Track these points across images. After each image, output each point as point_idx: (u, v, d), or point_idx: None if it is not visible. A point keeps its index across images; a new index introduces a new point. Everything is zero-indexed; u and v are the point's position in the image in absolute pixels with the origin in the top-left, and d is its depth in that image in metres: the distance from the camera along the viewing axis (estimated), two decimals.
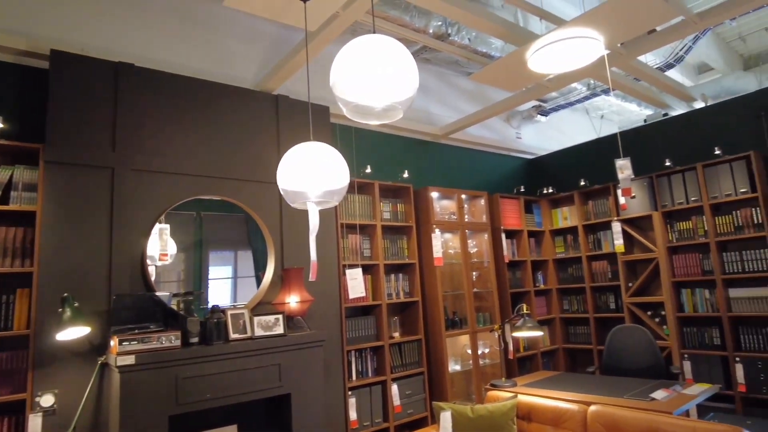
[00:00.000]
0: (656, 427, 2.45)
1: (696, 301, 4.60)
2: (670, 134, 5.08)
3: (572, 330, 5.55)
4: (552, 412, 2.86)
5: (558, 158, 6.11)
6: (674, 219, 4.79)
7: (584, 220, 5.41)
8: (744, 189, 4.32)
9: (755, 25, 6.76)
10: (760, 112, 4.44)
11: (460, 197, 4.89)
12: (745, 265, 4.33)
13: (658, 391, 2.94)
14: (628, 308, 4.90)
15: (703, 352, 4.49)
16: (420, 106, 5.17)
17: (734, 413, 4.19)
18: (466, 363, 4.79)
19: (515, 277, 5.34)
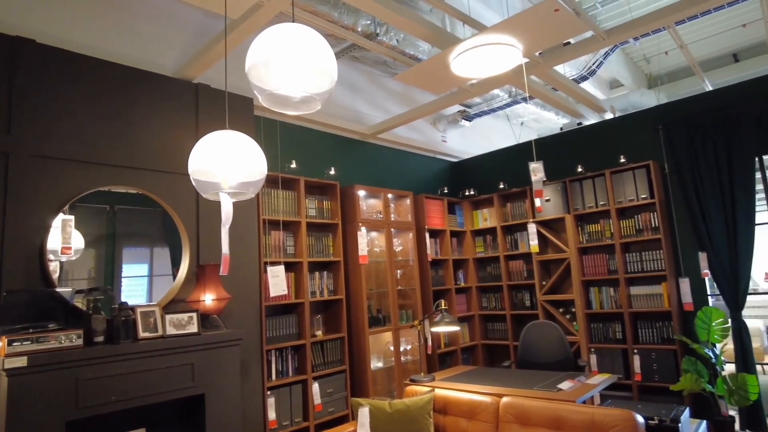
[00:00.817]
0: (560, 414, 2.60)
1: (602, 298, 4.94)
2: (583, 142, 5.43)
3: (490, 326, 5.77)
4: (467, 405, 2.96)
5: (480, 162, 6.34)
6: (585, 222, 5.12)
7: (503, 221, 5.65)
8: (644, 195, 4.70)
9: (656, 49, 7.40)
10: (657, 126, 4.85)
11: (386, 196, 4.94)
12: (644, 265, 4.71)
13: (564, 382, 3.13)
14: (542, 305, 5.17)
15: (607, 345, 4.83)
16: (349, 105, 5.17)
17: (631, 400, 4.53)
18: (388, 360, 4.83)
19: (438, 275, 5.47)
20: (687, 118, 4.62)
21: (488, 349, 5.82)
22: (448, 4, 3.59)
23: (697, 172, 4.54)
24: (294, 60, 1.49)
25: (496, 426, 2.81)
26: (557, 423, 2.59)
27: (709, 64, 8.12)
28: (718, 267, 4.40)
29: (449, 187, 6.35)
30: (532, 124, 7.86)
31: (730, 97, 4.49)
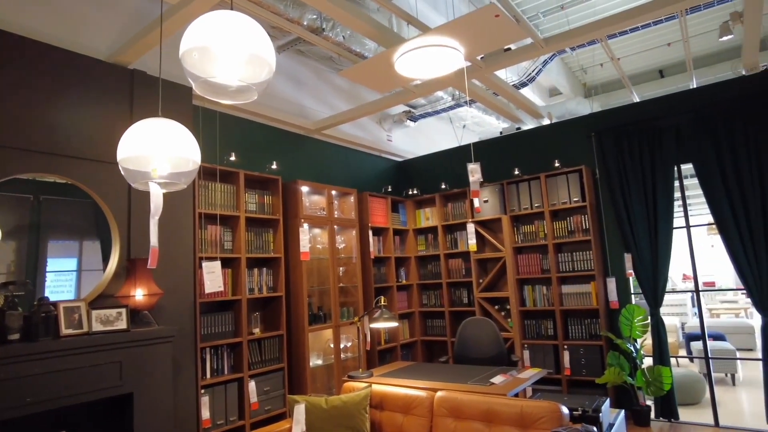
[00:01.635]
0: (492, 408, 2.69)
1: (535, 296, 5.15)
2: (521, 146, 5.63)
3: (430, 323, 5.88)
4: (403, 400, 3.00)
5: (424, 162, 6.44)
6: (520, 222, 5.32)
7: (444, 220, 5.77)
8: (576, 198, 4.94)
9: (592, 61, 7.79)
10: (590, 133, 5.12)
11: (330, 193, 4.92)
12: (575, 265, 4.95)
13: (497, 376, 3.23)
14: (478, 302, 5.33)
15: (540, 341, 5.05)
16: (293, 98, 5.10)
17: (560, 393, 4.76)
18: (328, 357, 4.82)
19: (380, 272, 5.50)
20: (617, 126, 4.90)
21: (427, 345, 5.93)
22: (394, 4, 3.62)
23: (625, 178, 4.83)
24: (229, 47, 1.46)
25: (431, 420, 2.87)
26: (489, 416, 2.68)
27: (639, 78, 8.64)
28: (640, 267, 4.70)
29: (393, 186, 6.40)
30: (474, 128, 8.07)
31: (655, 109, 4.80)
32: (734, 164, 4.31)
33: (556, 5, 5.92)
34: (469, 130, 8.04)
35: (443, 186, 5.95)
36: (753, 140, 4.23)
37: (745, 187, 4.25)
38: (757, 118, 4.22)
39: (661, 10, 3.42)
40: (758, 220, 4.17)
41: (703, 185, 4.47)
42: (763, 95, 4.21)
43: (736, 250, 4.27)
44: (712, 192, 4.39)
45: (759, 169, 4.20)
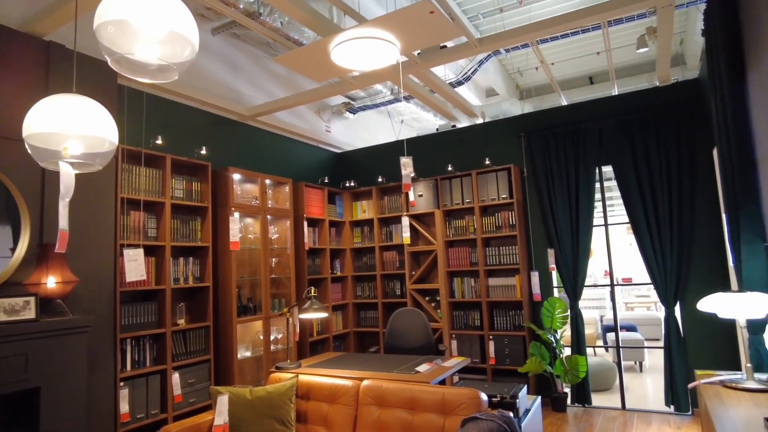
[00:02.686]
0: (415, 395, 2.76)
1: (464, 288, 5.32)
2: (455, 143, 5.78)
3: (363, 314, 5.93)
4: (329, 390, 3.01)
5: (362, 155, 6.46)
6: (452, 217, 5.46)
7: (380, 213, 5.82)
8: (505, 195, 5.14)
9: (526, 64, 8.10)
10: (520, 133, 5.33)
11: (263, 182, 4.83)
12: (501, 259, 5.16)
13: (423, 365, 3.32)
14: (410, 294, 5.43)
15: (467, 332, 5.22)
16: (227, 83, 4.95)
17: (484, 381, 4.96)
18: (258, 349, 4.75)
19: (314, 264, 5.48)
20: (545, 128, 5.14)
21: (360, 336, 5.98)
22: None
23: (550, 177, 5.07)
24: (148, 23, 1.40)
25: (356, 408, 2.91)
26: (412, 403, 2.75)
27: (570, 83, 9.08)
28: (562, 262, 4.96)
29: (331, 177, 6.37)
30: (413, 123, 8.18)
31: (581, 113, 5.07)
32: (647, 168, 4.64)
33: (496, 8, 6.10)
34: (407, 125, 8.14)
35: (380, 179, 5.99)
36: (664, 146, 4.58)
37: (656, 189, 4.59)
38: (667, 127, 4.56)
39: (585, 19, 3.61)
40: (665, 221, 4.52)
41: (620, 186, 4.78)
42: (672, 106, 4.56)
43: (647, 248, 4.61)
44: (628, 193, 4.71)
45: (668, 173, 4.55)
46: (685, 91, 4.60)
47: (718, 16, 2.92)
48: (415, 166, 5.91)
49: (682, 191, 4.50)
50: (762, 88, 2.49)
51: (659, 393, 5.29)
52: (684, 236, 4.48)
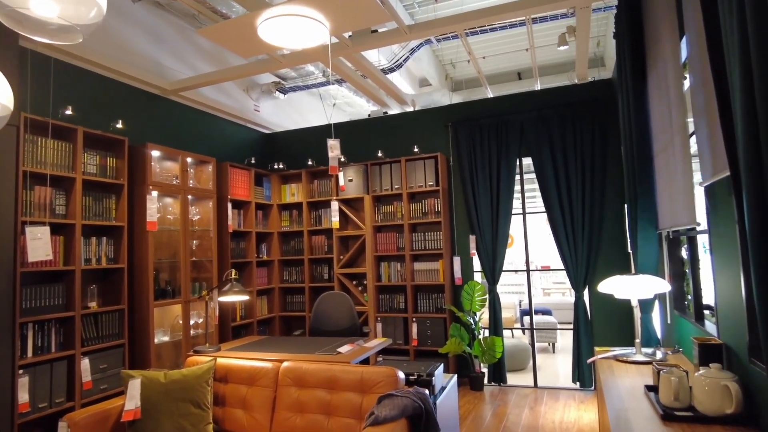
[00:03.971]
0: (334, 375, 2.79)
1: (391, 272, 5.42)
2: (386, 130, 5.83)
3: (290, 299, 5.88)
4: (248, 372, 2.98)
5: (292, 136, 6.36)
6: (381, 203, 5.53)
7: (309, 197, 5.78)
8: (431, 182, 5.27)
9: (460, 57, 8.27)
10: (447, 123, 5.47)
11: (185, 160, 4.63)
12: (426, 244, 5.30)
13: (344, 346, 3.36)
14: (338, 278, 5.46)
15: (392, 314, 5.33)
16: (148, 54, 4.68)
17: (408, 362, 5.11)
18: (176, 334, 4.59)
19: (239, 247, 5.35)
20: (471, 119, 5.30)
21: (286, 320, 5.93)
22: None
23: (474, 167, 5.25)
24: None
25: (275, 390, 2.90)
26: (331, 383, 2.78)
27: (500, 78, 9.38)
28: (482, 248, 5.18)
29: (258, 159, 6.22)
30: (345, 108, 8.15)
31: (505, 106, 5.28)
32: (564, 160, 4.92)
33: None
34: (339, 109, 8.09)
35: (310, 162, 5.93)
36: (579, 141, 4.87)
37: (570, 181, 4.89)
38: (583, 123, 4.86)
39: (511, 13, 3.75)
40: (578, 211, 4.83)
41: (538, 178, 5.04)
42: (588, 103, 4.85)
43: (560, 236, 4.91)
44: (545, 184, 4.98)
45: (582, 166, 4.85)
46: (600, 90, 4.91)
47: (626, 21, 3.13)
48: (346, 151, 5.90)
49: (594, 183, 4.82)
50: (659, 89, 2.72)
51: (568, 371, 5.68)
52: (594, 226, 4.81)
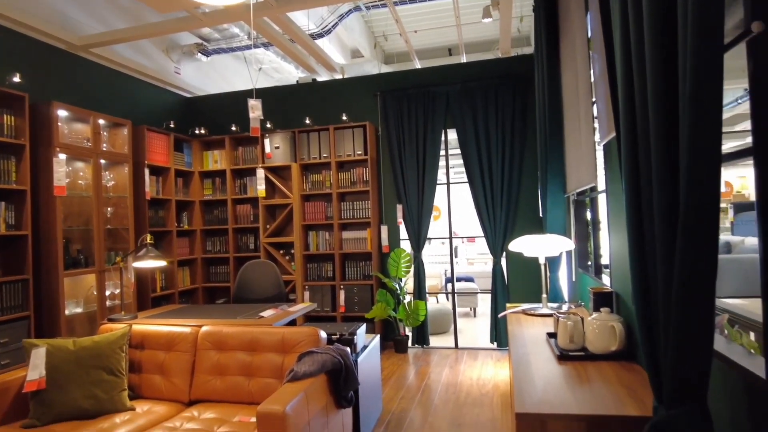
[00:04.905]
0: (255, 337, 2.79)
1: (319, 241, 5.42)
2: (314, 97, 5.74)
3: (213, 270, 5.74)
4: (165, 338, 2.91)
5: (215, 101, 6.10)
6: (309, 171, 5.48)
7: (233, 164, 5.61)
8: (360, 151, 5.29)
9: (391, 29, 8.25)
10: (376, 92, 5.48)
11: (96, 122, 4.33)
12: (354, 213, 5.34)
13: (267, 311, 3.35)
14: (264, 248, 5.39)
15: (320, 283, 5.36)
16: (54, 5, 4.28)
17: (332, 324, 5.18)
18: (91, 305, 4.36)
19: (158, 216, 5.13)
20: (399, 89, 5.34)
21: (210, 291, 5.79)
22: None
23: (402, 137, 5.32)
24: None
25: (194, 354, 2.85)
26: (252, 345, 2.78)
27: (431, 53, 9.46)
28: (408, 217, 5.29)
29: (178, 123, 5.92)
30: (273, 74, 7.92)
31: (431, 77, 5.35)
32: (486, 131, 5.09)
33: None
34: (266, 74, 7.84)
35: (234, 128, 5.74)
36: (501, 113, 5.05)
37: (491, 151, 5.08)
38: (504, 95, 5.04)
39: None
40: (498, 181, 5.05)
41: (461, 148, 5.19)
42: (510, 77, 5.03)
43: (480, 205, 5.11)
44: (468, 154, 5.14)
45: (503, 137, 5.05)
46: (522, 65, 5.10)
47: None
48: (273, 118, 5.76)
49: (513, 154, 5.04)
50: (567, 62, 2.88)
51: (487, 333, 6.01)
52: (512, 194, 5.05)
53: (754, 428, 1.08)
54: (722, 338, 1.22)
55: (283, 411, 1.98)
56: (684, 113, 0.96)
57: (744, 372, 1.08)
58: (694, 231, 0.95)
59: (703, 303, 0.96)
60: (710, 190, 0.93)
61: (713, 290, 0.95)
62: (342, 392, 2.55)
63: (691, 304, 0.97)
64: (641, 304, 1.19)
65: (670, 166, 1.05)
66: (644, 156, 1.16)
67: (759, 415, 1.05)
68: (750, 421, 1.08)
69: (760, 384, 1.01)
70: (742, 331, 1.14)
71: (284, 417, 1.98)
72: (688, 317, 0.98)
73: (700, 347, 0.99)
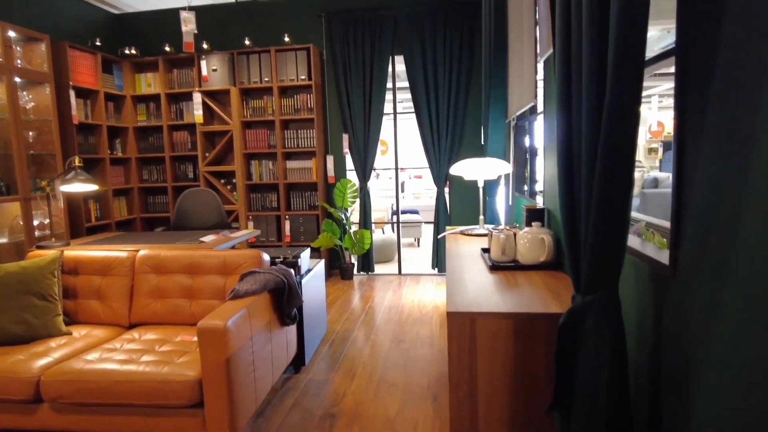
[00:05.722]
0: (195, 260, 2.76)
1: (262, 170, 5.30)
2: (254, 17, 5.39)
3: (151, 200, 5.54)
4: (101, 263, 2.82)
5: (146, 19, 5.62)
6: (250, 96, 5.25)
7: (168, 88, 5.28)
8: (303, 76, 5.09)
9: None
10: (321, 13, 5.21)
11: (6, 34, 3.90)
12: (299, 142, 5.22)
13: (208, 236, 3.29)
14: (204, 177, 5.21)
15: (264, 213, 5.30)
16: None
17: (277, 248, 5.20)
18: (17, 236, 4.12)
19: (88, 142, 4.81)
20: (346, 11, 5.09)
21: (148, 222, 5.61)
22: None
23: (348, 62, 5.15)
24: None
25: (132, 278, 2.80)
26: (192, 268, 2.75)
27: None
28: (355, 147, 5.24)
29: (106, 43, 5.44)
30: None
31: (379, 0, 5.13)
32: (433, 59, 5.01)
33: None
34: None
35: (168, 49, 5.35)
36: (449, 40, 4.96)
37: (438, 79, 5.02)
38: (453, 21, 4.92)
39: None
40: (444, 111, 5.04)
41: (408, 76, 5.11)
42: (459, 2, 4.90)
43: (426, 135, 5.12)
44: (415, 82, 5.07)
45: (450, 65, 4.99)
46: None
47: None
48: (210, 38, 5.39)
49: (459, 82, 5.01)
50: None
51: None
52: (457, 123, 5.07)
53: (654, 305, 1.20)
54: (638, 240, 1.31)
55: (224, 326, 2.00)
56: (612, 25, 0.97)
57: (652, 261, 1.18)
58: (614, 129, 0.99)
59: (618, 205, 1.03)
60: (632, 93, 0.96)
61: (628, 196, 1.02)
62: (285, 310, 2.60)
63: (608, 207, 1.03)
64: (567, 206, 1.25)
65: (599, 83, 1.07)
66: (576, 73, 1.17)
67: (659, 294, 1.16)
68: (652, 300, 1.21)
69: (662, 269, 1.12)
70: (655, 232, 1.23)
71: (225, 331, 2.00)
72: (605, 219, 1.05)
73: (613, 244, 1.06)
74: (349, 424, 2.42)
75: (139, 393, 2.05)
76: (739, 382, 0.84)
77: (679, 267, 1.06)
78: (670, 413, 1.12)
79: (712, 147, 0.93)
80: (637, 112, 0.98)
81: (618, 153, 1.00)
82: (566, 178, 1.24)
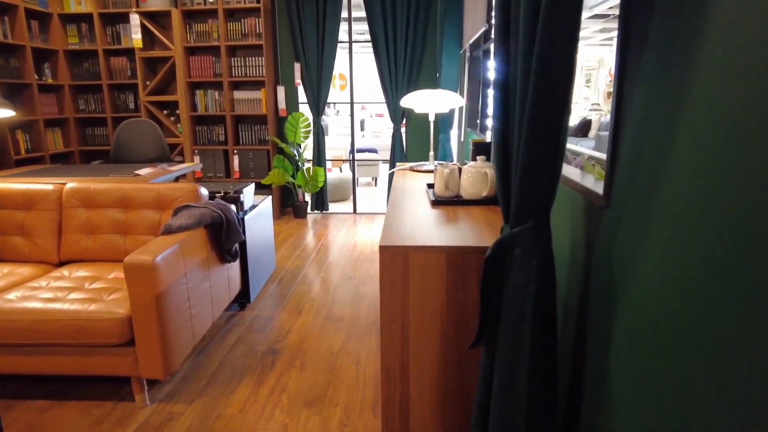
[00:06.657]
0: (127, 193, 2.59)
1: (207, 101, 5.00)
2: None
3: (90, 131, 5.18)
4: (23, 196, 2.61)
5: None
6: (193, 20, 4.85)
7: (102, 7, 4.80)
8: None
9: None
10: None
11: None
12: (247, 71, 4.91)
13: (144, 169, 3.10)
14: (145, 107, 4.88)
15: (211, 147, 5.05)
16: None
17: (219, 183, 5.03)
18: None
19: (9, 65, 4.37)
20: None
21: (87, 155, 5.27)
22: None
23: None
24: None
25: (59, 213, 2.61)
26: (125, 202, 2.59)
27: None
28: (307, 78, 4.98)
29: None
30: None
31: None
32: None
33: None
34: None
35: None
36: None
37: (396, 8, 4.75)
38: None
39: None
40: (402, 40, 4.80)
41: (365, 4, 4.80)
42: None
43: (383, 68, 4.90)
44: (372, 11, 4.78)
45: None
46: None
47: None
48: None
49: (419, 10, 4.76)
50: None
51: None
52: (416, 54, 4.86)
53: (586, 237, 1.17)
54: (578, 172, 1.27)
55: (152, 261, 1.89)
56: None
57: (588, 192, 1.15)
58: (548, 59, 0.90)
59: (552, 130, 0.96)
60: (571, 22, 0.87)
61: (562, 120, 0.95)
62: (225, 246, 2.50)
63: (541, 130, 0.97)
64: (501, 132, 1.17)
65: None
66: None
67: (592, 225, 1.14)
68: (585, 232, 1.18)
69: (597, 199, 1.08)
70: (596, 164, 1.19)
71: (154, 267, 1.89)
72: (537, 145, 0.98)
73: (545, 171, 1.01)
74: (291, 359, 2.41)
75: (63, 332, 1.95)
76: (657, 306, 0.82)
77: (612, 196, 1.02)
78: (594, 343, 1.12)
79: (649, 79, 0.86)
80: (576, 22, 0.89)
81: (554, 74, 0.92)
82: (501, 101, 1.16)
